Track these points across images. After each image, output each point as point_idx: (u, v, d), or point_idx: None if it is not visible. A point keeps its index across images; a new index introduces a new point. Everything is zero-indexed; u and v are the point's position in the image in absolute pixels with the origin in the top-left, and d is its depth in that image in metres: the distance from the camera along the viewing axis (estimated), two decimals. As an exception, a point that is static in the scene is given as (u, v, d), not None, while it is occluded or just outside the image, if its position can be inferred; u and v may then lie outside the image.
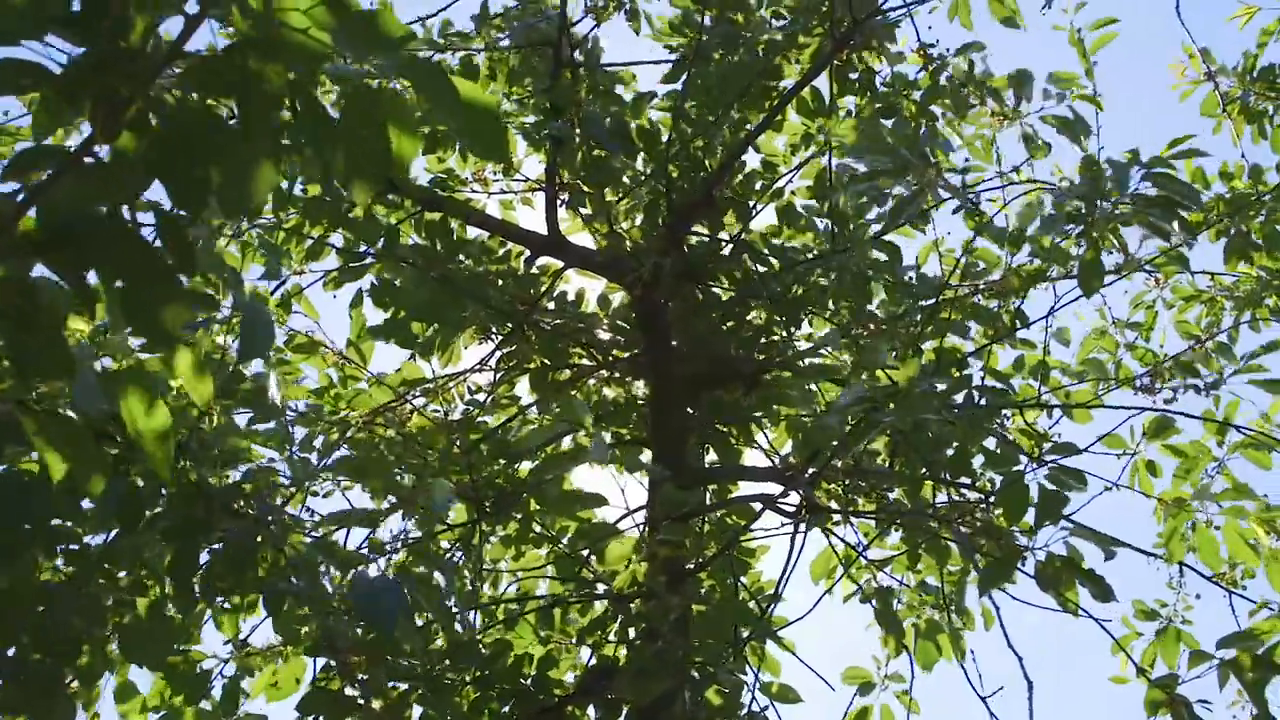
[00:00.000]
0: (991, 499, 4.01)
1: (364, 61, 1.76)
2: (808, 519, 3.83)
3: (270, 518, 2.96)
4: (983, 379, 4.52)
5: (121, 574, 3.14)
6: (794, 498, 4.29)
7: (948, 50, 4.29)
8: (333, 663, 3.11)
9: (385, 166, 1.85)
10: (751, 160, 4.75)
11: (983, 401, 4.28)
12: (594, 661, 4.21)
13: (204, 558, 2.99)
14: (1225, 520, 3.78)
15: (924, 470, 4.11)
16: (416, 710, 3.73)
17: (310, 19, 1.67)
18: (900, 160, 3.19)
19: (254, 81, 1.70)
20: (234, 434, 3.24)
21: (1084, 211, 3.30)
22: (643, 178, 4.39)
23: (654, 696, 3.54)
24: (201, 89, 1.71)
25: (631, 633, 3.93)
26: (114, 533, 2.96)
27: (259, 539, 2.90)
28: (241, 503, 3.05)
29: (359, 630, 2.99)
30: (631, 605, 3.61)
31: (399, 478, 4.16)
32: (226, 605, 3.59)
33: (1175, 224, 3.23)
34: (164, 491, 2.93)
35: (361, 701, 3.11)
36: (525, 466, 4.26)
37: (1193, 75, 5.62)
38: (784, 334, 4.64)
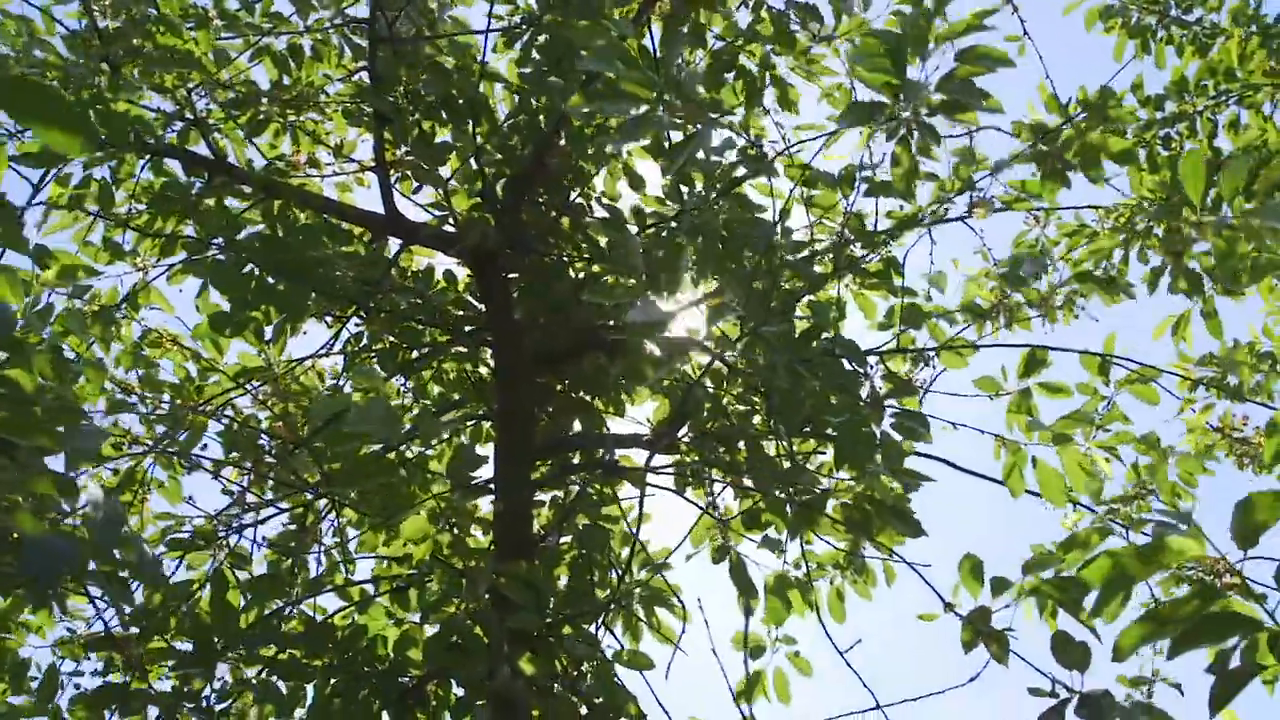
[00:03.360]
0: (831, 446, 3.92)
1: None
2: (629, 481, 3.74)
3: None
4: (835, 334, 4.39)
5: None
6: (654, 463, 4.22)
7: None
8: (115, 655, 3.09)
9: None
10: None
11: (836, 351, 4.17)
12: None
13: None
14: (1058, 451, 3.64)
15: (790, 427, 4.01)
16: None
17: None
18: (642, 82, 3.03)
19: None
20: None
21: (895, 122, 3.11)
22: (473, 149, 4.30)
23: (472, 671, 3.49)
24: None
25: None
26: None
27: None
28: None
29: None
30: (428, 581, 3.56)
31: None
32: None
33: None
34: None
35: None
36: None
37: None
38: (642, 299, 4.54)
